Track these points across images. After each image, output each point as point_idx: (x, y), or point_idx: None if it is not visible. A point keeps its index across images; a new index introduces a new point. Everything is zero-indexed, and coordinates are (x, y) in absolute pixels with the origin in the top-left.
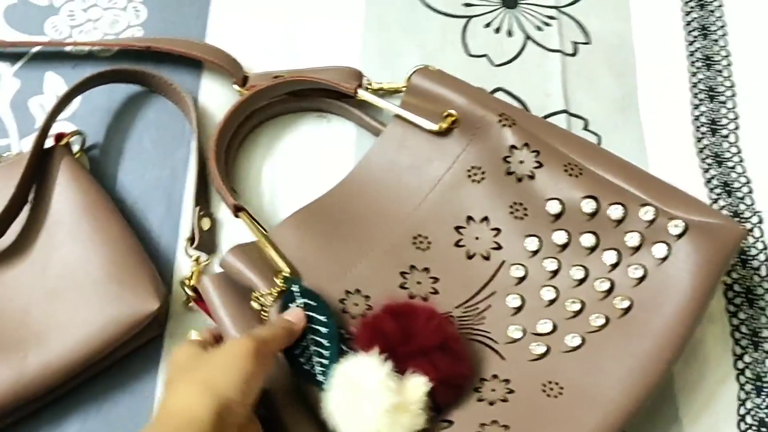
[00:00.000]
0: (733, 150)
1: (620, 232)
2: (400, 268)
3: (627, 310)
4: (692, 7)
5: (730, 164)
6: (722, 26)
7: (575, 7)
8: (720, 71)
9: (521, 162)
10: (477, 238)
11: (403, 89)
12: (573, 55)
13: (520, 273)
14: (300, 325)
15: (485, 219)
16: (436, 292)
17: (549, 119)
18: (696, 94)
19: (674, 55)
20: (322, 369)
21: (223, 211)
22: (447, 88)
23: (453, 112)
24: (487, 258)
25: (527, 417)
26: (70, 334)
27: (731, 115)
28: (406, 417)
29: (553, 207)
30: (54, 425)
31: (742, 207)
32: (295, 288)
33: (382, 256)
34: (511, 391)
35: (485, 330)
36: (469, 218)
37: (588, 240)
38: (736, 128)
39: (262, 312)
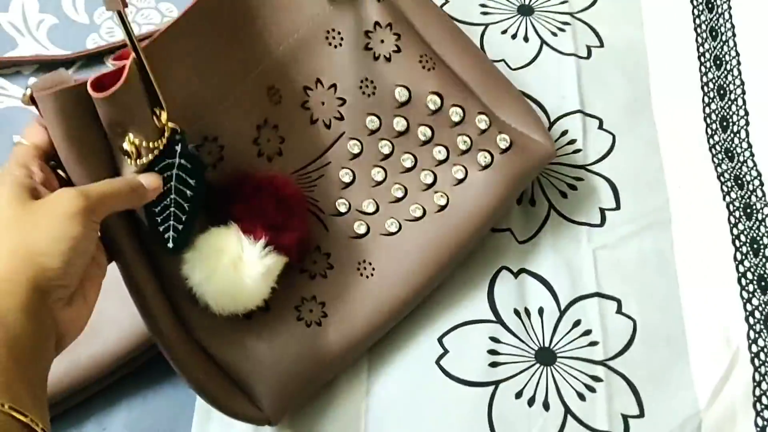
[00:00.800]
0: (744, 145)
1: (454, 134)
2: (255, 120)
3: (443, 207)
4: (701, 10)
5: (741, 159)
6: (731, 28)
7: (588, 12)
8: (730, 71)
9: (382, 42)
10: (323, 104)
11: None
12: (587, 58)
13: (356, 149)
14: (151, 194)
15: (333, 86)
16: (280, 153)
17: (564, 119)
18: (707, 92)
19: (685, 57)
20: (174, 234)
21: None
22: None
23: None
24: (328, 126)
25: (341, 295)
26: (118, 328)
27: (741, 113)
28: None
29: (402, 94)
30: (102, 414)
31: (753, 199)
32: (178, 147)
33: (237, 103)
34: (330, 267)
35: (315, 198)
36: (318, 81)
37: (424, 133)
38: (747, 125)
39: (136, 159)
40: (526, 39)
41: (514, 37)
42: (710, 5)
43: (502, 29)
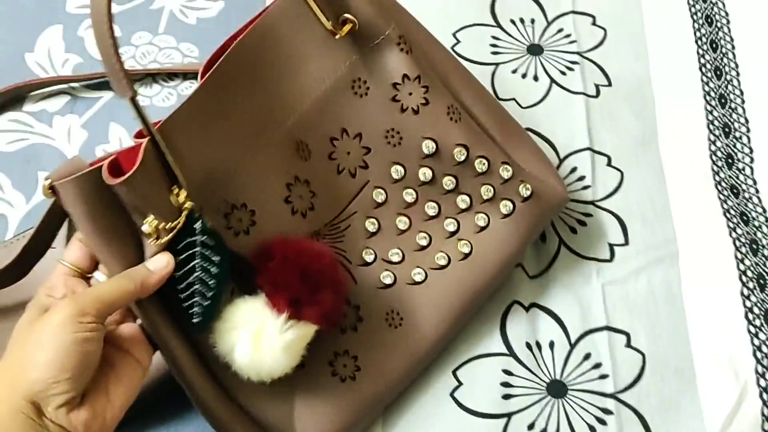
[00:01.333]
0: (749, 182)
1: (478, 183)
2: (285, 179)
3: (467, 255)
4: (705, 50)
5: (746, 195)
6: (735, 67)
7: (596, 51)
8: (734, 109)
9: (410, 94)
10: (348, 153)
11: None
12: (596, 96)
13: (381, 198)
14: (161, 275)
15: (358, 135)
16: (312, 208)
17: (573, 156)
18: (712, 130)
19: (691, 95)
20: (199, 310)
21: None
22: None
23: (352, 18)
24: (353, 175)
25: (372, 347)
26: None
27: (746, 150)
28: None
29: (429, 147)
30: None
31: (759, 235)
32: (197, 225)
33: (264, 162)
34: (360, 320)
35: (342, 249)
36: (344, 131)
37: (449, 183)
38: (751, 162)
39: (156, 239)
40: (536, 78)
41: (524, 76)
42: (714, 45)
43: (512, 68)
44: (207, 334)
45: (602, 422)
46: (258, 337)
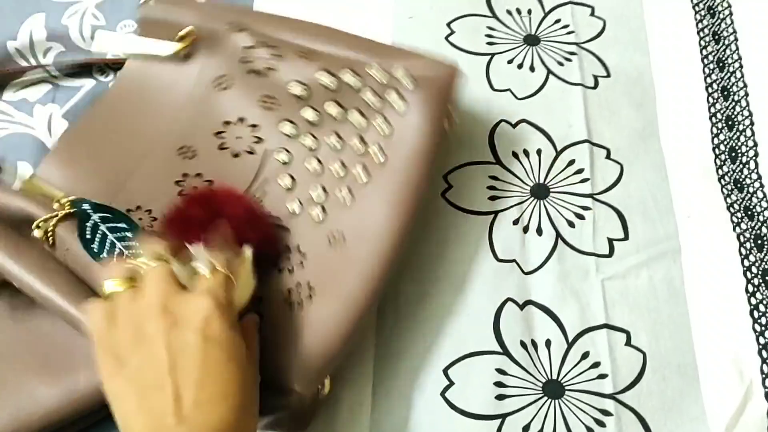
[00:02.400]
0: (754, 176)
1: (358, 95)
2: (173, 178)
3: (381, 159)
4: (708, 41)
5: (750, 190)
6: (738, 59)
7: (595, 42)
8: (738, 101)
9: (259, 58)
10: (238, 138)
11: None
12: (594, 88)
13: (284, 157)
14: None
15: (241, 119)
16: None
17: (571, 148)
18: (715, 123)
19: (692, 87)
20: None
21: None
22: (175, 13)
23: (185, 32)
24: (251, 152)
25: (323, 268)
26: None
27: (750, 143)
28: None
29: (295, 88)
30: None
31: (764, 230)
32: (86, 206)
33: (151, 171)
34: (304, 255)
35: (268, 212)
36: (226, 122)
37: (333, 109)
38: (756, 155)
39: (47, 237)
40: (532, 69)
41: (520, 66)
42: (717, 37)
43: (508, 59)
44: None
45: (601, 424)
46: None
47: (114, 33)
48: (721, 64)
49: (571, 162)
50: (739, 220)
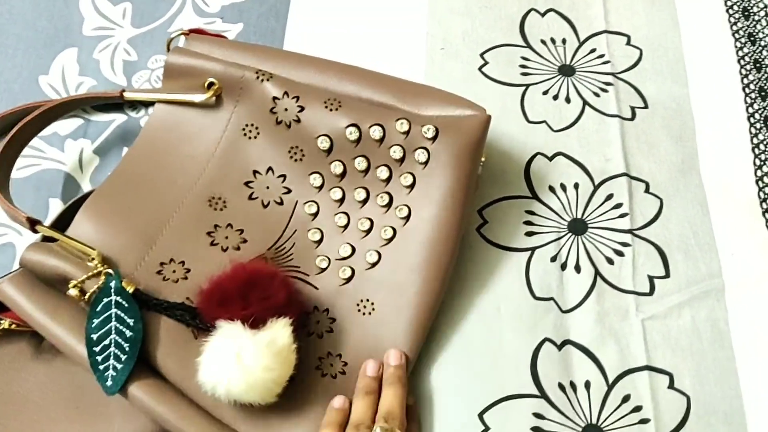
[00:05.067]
0: None
1: (385, 149)
2: (204, 229)
3: (407, 217)
4: (749, 70)
5: None
6: None
7: (631, 72)
8: None
9: (286, 110)
10: (267, 188)
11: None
12: (631, 119)
13: (313, 209)
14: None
15: (270, 169)
16: (245, 241)
17: (609, 182)
18: (758, 155)
19: (733, 117)
20: (114, 373)
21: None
22: (201, 59)
23: (213, 80)
24: (280, 203)
25: (353, 340)
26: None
27: None
28: (285, 360)
29: (324, 143)
30: None
31: None
32: (112, 284)
33: (182, 224)
34: (333, 320)
35: (296, 266)
36: (255, 172)
37: (360, 163)
38: None
39: (82, 298)
40: (567, 100)
41: (555, 98)
42: (758, 65)
43: (543, 90)
44: (192, 380)
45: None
46: (239, 356)
47: (142, 90)
48: (763, 93)
49: (610, 196)
50: None
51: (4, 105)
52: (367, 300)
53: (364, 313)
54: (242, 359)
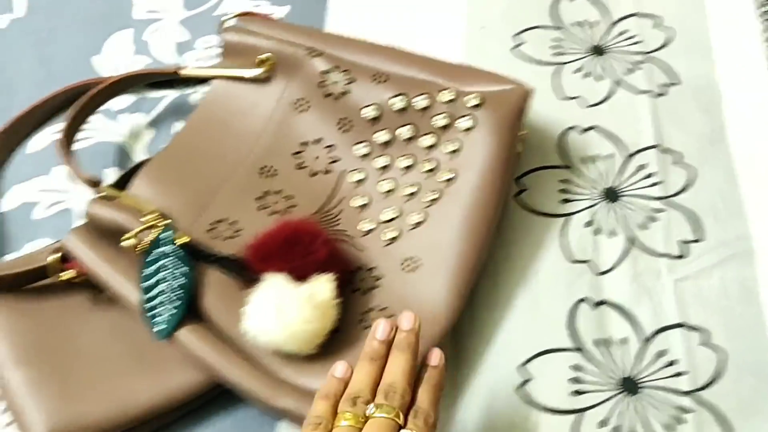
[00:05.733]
0: None
1: (429, 118)
2: (255, 194)
3: (451, 181)
4: None
5: None
6: None
7: (662, 52)
8: None
9: (335, 83)
10: (316, 158)
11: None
12: (662, 95)
13: (359, 176)
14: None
15: (318, 140)
16: (293, 207)
17: (641, 154)
18: None
19: (759, 91)
20: (164, 320)
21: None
22: (256, 38)
23: (267, 57)
24: (328, 172)
25: (399, 294)
26: None
27: None
28: (325, 314)
29: (370, 112)
30: (190, 431)
31: None
32: (166, 235)
33: (234, 189)
34: (378, 278)
35: (342, 230)
36: (304, 143)
37: (406, 132)
38: None
39: (137, 249)
40: (599, 78)
41: (587, 75)
42: None
43: (575, 68)
44: (237, 328)
45: (680, 420)
46: (279, 307)
47: (199, 67)
48: None
49: (642, 166)
50: None
51: (59, 84)
52: (411, 259)
53: (408, 271)
54: (282, 310)
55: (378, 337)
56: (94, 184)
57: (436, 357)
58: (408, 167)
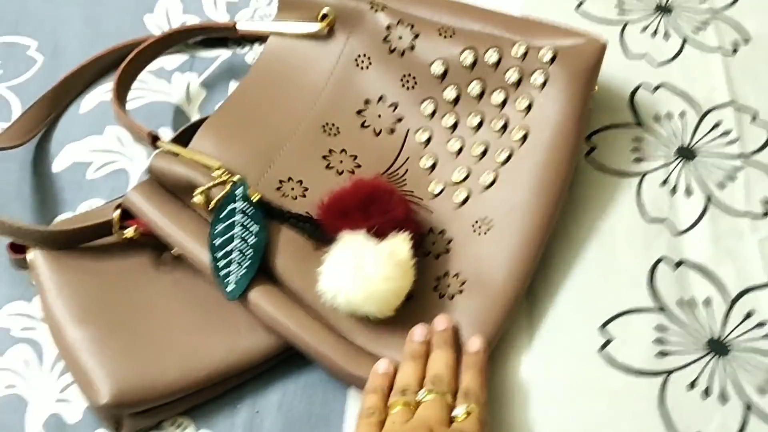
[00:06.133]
0: None
1: (500, 73)
2: (320, 153)
3: (524, 137)
4: None
5: None
6: None
7: (732, 9)
8: None
9: (400, 38)
10: (379, 116)
11: None
12: (734, 53)
13: (425, 136)
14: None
15: (381, 98)
16: (358, 167)
17: (715, 111)
18: None
19: None
20: (235, 279)
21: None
22: None
23: (327, 11)
24: (392, 131)
25: (471, 258)
26: None
27: None
28: (406, 273)
29: (437, 68)
30: (256, 396)
31: None
32: (238, 191)
33: (298, 147)
34: (449, 241)
35: (409, 191)
36: (367, 101)
37: (475, 88)
38: None
39: (206, 205)
40: (666, 36)
41: (654, 34)
42: None
43: (641, 27)
44: (311, 290)
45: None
46: (359, 265)
47: (255, 23)
48: None
49: (717, 124)
50: None
51: (112, 42)
52: (483, 219)
53: (479, 233)
54: (363, 268)
55: (416, 339)
56: (154, 138)
57: (475, 343)
58: (477, 126)
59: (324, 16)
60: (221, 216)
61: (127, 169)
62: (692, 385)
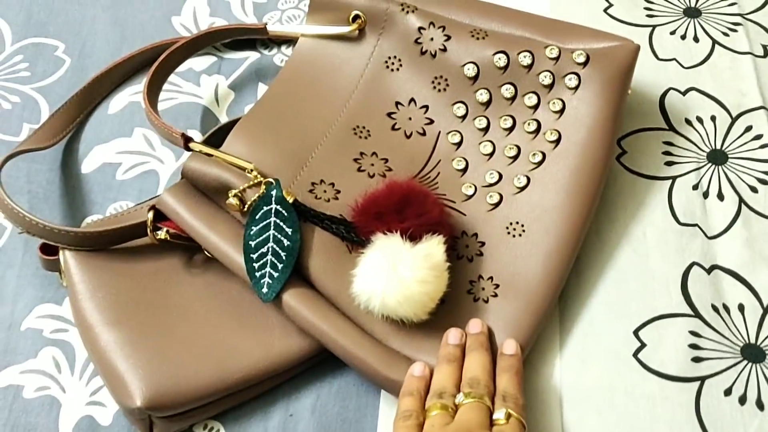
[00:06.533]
0: None
1: (533, 75)
2: (351, 156)
3: (558, 140)
4: None
5: None
6: None
7: (760, 13)
8: None
9: (431, 40)
10: (410, 119)
11: None
12: (764, 56)
13: (457, 138)
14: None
15: (412, 100)
16: (390, 170)
17: (746, 115)
18: None
19: None
20: (270, 281)
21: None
22: None
23: (358, 12)
24: (423, 134)
25: (503, 262)
26: None
27: None
28: (440, 276)
29: (470, 70)
30: (289, 399)
31: None
32: (273, 192)
33: (329, 149)
34: (482, 244)
35: (441, 193)
36: (398, 103)
37: (507, 91)
38: None
39: (240, 207)
40: (696, 39)
41: (683, 37)
42: None
43: (670, 30)
44: (345, 292)
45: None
46: (395, 267)
47: (285, 25)
48: None
49: (749, 128)
50: None
51: (140, 45)
52: (517, 222)
53: (513, 236)
54: (398, 270)
55: (451, 342)
56: (187, 140)
57: (510, 346)
58: (510, 128)
59: (355, 18)
60: (256, 217)
61: (157, 170)
62: (728, 391)
